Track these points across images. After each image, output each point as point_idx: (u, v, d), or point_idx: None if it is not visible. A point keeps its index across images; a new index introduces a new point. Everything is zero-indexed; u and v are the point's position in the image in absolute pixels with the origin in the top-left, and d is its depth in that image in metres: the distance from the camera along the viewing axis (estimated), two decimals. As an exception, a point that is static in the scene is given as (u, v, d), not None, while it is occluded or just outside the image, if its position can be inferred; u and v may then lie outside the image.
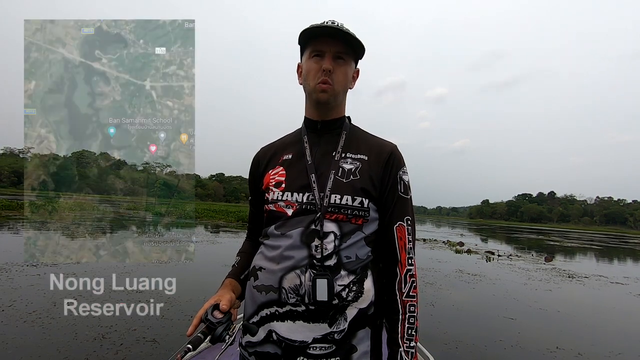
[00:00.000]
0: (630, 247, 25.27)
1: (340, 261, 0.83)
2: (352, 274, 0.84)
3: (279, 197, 0.88)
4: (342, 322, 0.82)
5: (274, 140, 1.04)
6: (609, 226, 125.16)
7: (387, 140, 0.97)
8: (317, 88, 0.89)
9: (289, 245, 0.84)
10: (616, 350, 4.00)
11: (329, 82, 0.88)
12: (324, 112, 0.94)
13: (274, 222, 0.89)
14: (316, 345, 0.81)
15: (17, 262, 6.26)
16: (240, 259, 1.01)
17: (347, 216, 0.85)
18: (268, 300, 0.84)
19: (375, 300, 0.86)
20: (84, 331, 3.46)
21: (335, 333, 0.82)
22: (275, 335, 0.83)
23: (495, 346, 3.86)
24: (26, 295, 4.47)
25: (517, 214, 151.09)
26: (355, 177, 0.88)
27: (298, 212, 0.86)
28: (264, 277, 0.86)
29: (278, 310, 0.83)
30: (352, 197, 0.85)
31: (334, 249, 0.83)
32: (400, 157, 0.94)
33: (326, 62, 0.87)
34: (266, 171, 0.95)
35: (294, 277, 0.82)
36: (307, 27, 0.88)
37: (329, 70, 0.87)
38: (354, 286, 0.83)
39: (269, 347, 0.85)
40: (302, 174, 0.89)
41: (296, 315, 0.82)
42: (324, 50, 0.88)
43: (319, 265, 0.81)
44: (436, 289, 6.42)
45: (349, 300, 0.83)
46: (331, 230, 0.84)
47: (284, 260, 0.84)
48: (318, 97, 0.90)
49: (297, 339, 0.82)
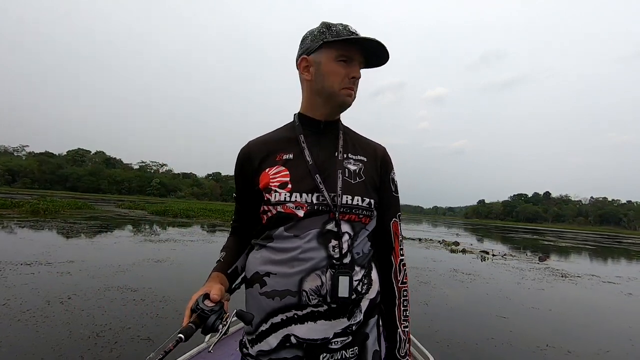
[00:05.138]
0: (624, 247, 25.51)
1: (353, 258, 0.87)
2: (363, 269, 0.90)
3: (287, 198, 0.86)
4: (359, 314, 0.87)
5: (262, 135, 0.99)
6: (603, 226, 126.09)
7: (377, 142, 1.02)
8: (342, 92, 0.90)
9: (306, 248, 0.84)
10: (605, 348, 4.07)
11: (354, 89, 0.92)
12: (335, 113, 0.96)
13: (282, 223, 0.87)
14: (337, 340, 0.85)
15: (11, 261, 6.23)
16: (225, 254, 0.97)
17: (358, 216, 0.88)
18: (284, 305, 0.83)
19: (380, 289, 0.94)
20: (78, 329, 3.47)
21: (353, 325, 0.87)
22: (294, 338, 0.83)
23: (486, 344, 3.91)
24: (20, 294, 4.46)
25: (513, 213, 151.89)
26: (361, 178, 0.91)
27: (310, 213, 0.85)
28: (276, 282, 0.84)
29: (297, 314, 0.83)
30: (362, 197, 0.89)
31: (348, 247, 0.86)
32: (390, 159, 1.01)
33: (356, 71, 0.90)
34: (262, 169, 0.91)
35: (315, 279, 0.82)
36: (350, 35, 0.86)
37: (357, 79, 0.91)
38: (365, 279, 0.89)
39: (286, 352, 0.84)
40: (307, 175, 0.88)
41: (317, 315, 0.83)
42: (353, 58, 0.89)
43: (338, 264, 0.83)
44: (430, 288, 6.47)
45: (363, 293, 0.89)
46: (346, 231, 0.86)
47: (300, 262, 0.83)
48: (344, 100, 0.92)
49: (319, 337, 0.83)
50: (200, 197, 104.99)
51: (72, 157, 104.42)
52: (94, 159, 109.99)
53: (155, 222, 17.39)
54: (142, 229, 14.00)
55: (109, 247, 8.72)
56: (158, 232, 13.10)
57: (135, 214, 22.42)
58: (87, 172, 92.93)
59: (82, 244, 8.90)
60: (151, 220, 18.73)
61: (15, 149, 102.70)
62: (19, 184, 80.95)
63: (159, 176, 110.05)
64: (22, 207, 17.95)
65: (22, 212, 16.76)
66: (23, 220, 13.31)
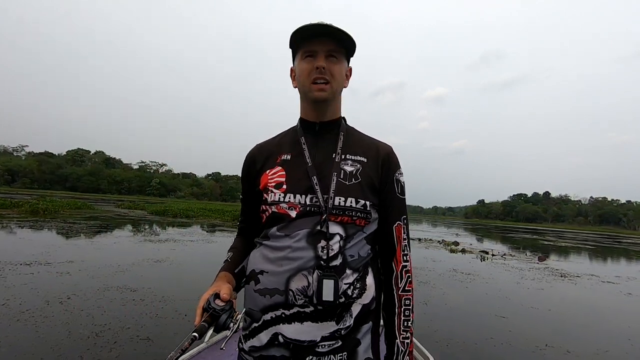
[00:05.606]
0: (623, 247, 25.55)
1: (345, 261, 0.85)
2: (356, 272, 0.86)
3: (280, 199, 0.87)
4: (348, 319, 0.84)
5: (268, 138, 1.03)
6: (603, 226, 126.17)
7: (383, 142, 0.98)
8: (312, 87, 0.89)
9: (295, 247, 0.84)
10: (604, 348, 4.08)
11: (325, 79, 0.88)
12: (322, 112, 0.94)
13: (276, 223, 0.89)
14: (324, 343, 0.83)
15: (11, 261, 6.24)
16: (232, 254, 1.00)
17: (351, 218, 0.86)
18: (273, 303, 0.84)
19: (376, 296, 0.90)
20: (77, 329, 3.47)
21: (342, 329, 0.84)
22: (281, 337, 0.83)
23: (485, 344, 3.91)
24: (20, 294, 4.47)
25: (513, 213, 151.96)
26: (357, 179, 0.89)
27: (302, 214, 0.86)
28: (267, 280, 0.85)
29: (285, 313, 0.83)
30: (356, 199, 0.86)
31: (339, 249, 0.84)
32: (397, 159, 0.96)
33: (319, 60, 0.88)
34: (263, 170, 0.94)
35: (302, 279, 0.82)
36: (296, 29, 0.87)
37: (322, 67, 0.87)
38: (358, 283, 0.86)
39: (274, 350, 0.84)
40: (304, 176, 0.89)
41: (304, 316, 0.82)
42: (316, 50, 0.88)
43: (325, 266, 0.82)
44: (430, 288, 6.48)
45: (354, 297, 0.85)
46: (337, 232, 0.85)
47: (289, 262, 0.84)
48: (315, 96, 0.89)
49: (306, 339, 0.82)
50: (199, 197, 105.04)
51: (71, 157, 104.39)
52: (94, 159, 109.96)
53: (155, 222, 17.40)
54: (141, 229, 13.99)
55: (108, 247, 8.72)
56: (158, 232, 13.10)
57: (135, 214, 22.41)
58: (86, 172, 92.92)
59: (81, 244, 8.89)
60: (151, 220, 18.73)
61: (14, 149, 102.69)
62: (18, 184, 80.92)
63: (158, 176, 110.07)
64: (22, 207, 17.95)
65: (21, 212, 16.76)
66: (22, 221, 13.31)
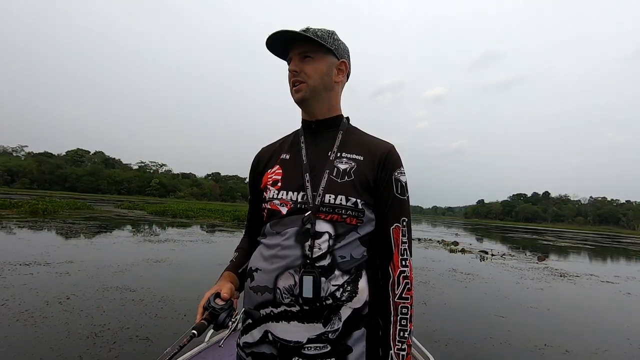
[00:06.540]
0: (623, 246, 25.57)
1: (334, 261, 0.83)
2: (347, 274, 0.83)
3: (274, 196, 0.90)
4: (337, 322, 0.82)
5: (275, 141, 1.06)
6: (602, 226, 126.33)
7: (385, 141, 0.96)
8: (292, 90, 0.93)
9: (284, 245, 0.84)
10: (603, 347, 4.08)
11: (299, 80, 0.92)
12: (310, 111, 0.96)
13: (269, 219, 0.91)
14: (311, 346, 0.81)
15: (10, 261, 6.23)
16: (238, 254, 1.02)
17: (341, 216, 0.85)
18: (264, 300, 0.84)
19: (370, 301, 0.86)
20: (77, 329, 3.47)
21: (330, 333, 0.81)
22: (270, 335, 0.84)
23: (485, 343, 3.92)
24: (19, 294, 4.46)
25: (512, 213, 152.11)
26: (350, 177, 0.87)
27: (292, 211, 0.86)
28: (260, 278, 0.86)
29: (273, 311, 0.83)
30: (346, 197, 0.85)
31: (328, 248, 0.83)
32: (397, 158, 0.92)
33: (291, 64, 0.92)
34: (265, 170, 0.97)
35: (288, 277, 0.82)
36: (265, 42, 0.91)
37: (294, 71, 0.91)
38: (348, 286, 0.83)
39: (265, 347, 0.85)
40: (298, 173, 0.90)
41: (291, 315, 0.82)
42: (290, 55, 0.94)
43: (311, 265, 0.81)
44: (429, 288, 6.48)
45: (342, 300, 0.82)
46: (325, 231, 0.83)
47: (278, 260, 0.84)
48: (295, 98, 0.94)
49: (292, 339, 0.82)
50: (199, 197, 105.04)
51: (71, 157, 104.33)
52: (93, 159, 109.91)
53: (155, 223, 17.38)
54: (141, 229, 13.98)
55: (108, 247, 8.72)
56: (157, 233, 13.08)
57: (135, 214, 22.40)
58: (86, 172, 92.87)
59: (81, 244, 8.89)
60: (150, 220, 18.71)
61: (14, 149, 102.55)
62: (18, 184, 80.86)
63: (158, 176, 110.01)
64: (21, 207, 17.92)
65: (21, 212, 16.74)
66: (22, 221, 13.29)
